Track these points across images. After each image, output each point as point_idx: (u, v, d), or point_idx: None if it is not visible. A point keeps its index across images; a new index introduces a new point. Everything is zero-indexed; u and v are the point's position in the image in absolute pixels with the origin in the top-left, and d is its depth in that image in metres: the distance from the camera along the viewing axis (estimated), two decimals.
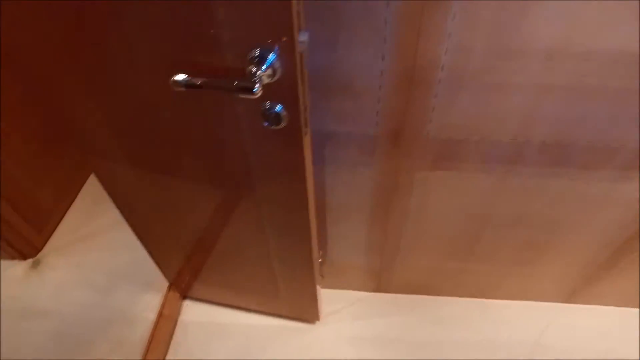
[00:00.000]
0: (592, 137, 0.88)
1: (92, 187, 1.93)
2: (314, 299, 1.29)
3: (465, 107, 0.84)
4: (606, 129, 0.86)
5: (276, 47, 0.59)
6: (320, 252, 1.34)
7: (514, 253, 1.25)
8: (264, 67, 0.61)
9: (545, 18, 0.68)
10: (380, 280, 1.46)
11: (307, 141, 0.77)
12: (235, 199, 0.96)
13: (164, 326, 1.43)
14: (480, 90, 0.80)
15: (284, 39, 0.58)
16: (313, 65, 0.80)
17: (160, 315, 1.43)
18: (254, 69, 0.60)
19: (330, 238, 1.29)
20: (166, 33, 0.62)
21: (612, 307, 1.45)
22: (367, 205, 1.14)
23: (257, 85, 0.60)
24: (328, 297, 1.51)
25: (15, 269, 1.63)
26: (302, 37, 0.62)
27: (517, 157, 0.94)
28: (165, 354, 1.38)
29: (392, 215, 1.15)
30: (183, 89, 0.65)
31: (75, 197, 1.89)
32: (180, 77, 0.64)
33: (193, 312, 1.49)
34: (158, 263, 1.38)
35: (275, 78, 0.63)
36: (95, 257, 1.67)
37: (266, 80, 0.62)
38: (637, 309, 1.44)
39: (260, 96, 0.61)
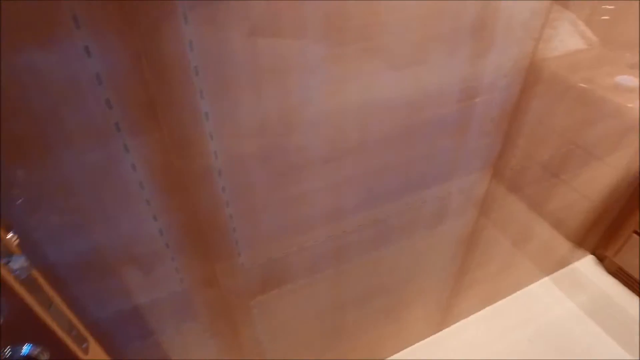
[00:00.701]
0: (400, 203, 0.89)
1: None
2: None
3: (270, 228, 0.76)
4: (406, 192, 0.88)
5: None
6: None
7: (379, 318, 1.22)
8: None
9: (310, 128, 0.64)
10: None
11: None
12: None
13: None
14: (277, 208, 0.73)
15: None
16: (76, 256, 0.61)
17: None
18: None
19: None
20: None
21: (475, 315, 1.55)
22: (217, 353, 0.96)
23: None
24: None
25: None
26: (16, 265, 0.44)
27: (341, 250, 0.90)
28: None
29: (245, 350, 1.00)
30: None
31: None
32: None
33: None
34: None
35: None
36: None
37: None
38: (493, 305, 1.58)
39: None
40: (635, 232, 1.53)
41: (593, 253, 1.77)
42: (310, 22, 0.55)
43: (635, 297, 1.61)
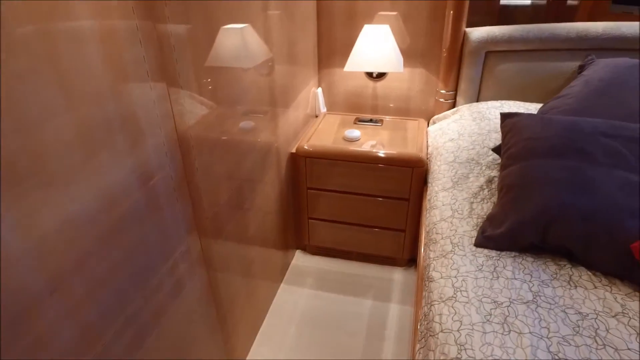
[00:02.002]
0: (138, 296, 0.89)
1: None
2: None
3: None
4: (138, 285, 0.89)
5: None
6: None
7: None
8: None
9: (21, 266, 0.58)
10: None
11: None
12: None
13: None
14: None
15: None
16: None
17: None
18: None
19: None
20: None
21: (255, 341, 1.66)
22: None
23: None
24: None
25: None
26: None
27: None
28: None
29: None
30: None
31: None
32: None
33: None
34: None
35: None
36: None
37: None
38: (262, 325, 1.73)
39: None
40: (309, 218, 2.02)
41: (297, 248, 2.21)
42: None
43: (337, 259, 2.12)
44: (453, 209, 1.37)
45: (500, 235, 1.17)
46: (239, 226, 1.41)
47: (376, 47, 1.82)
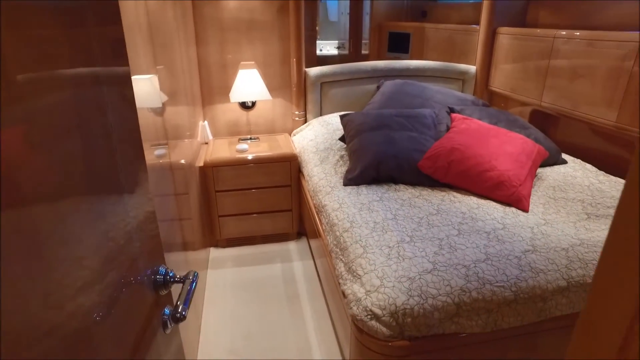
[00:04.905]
0: None
1: None
2: None
3: None
4: None
5: None
6: None
7: None
8: None
9: None
10: None
11: None
12: None
13: None
14: None
15: None
16: None
17: None
18: None
19: None
20: None
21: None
22: None
23: None
24: None
25: None
26: None
27: None
28: None
29: None
30: None
31: None
32: None
33: None
34: None
35: None
36: None
37: None
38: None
39: None
40: (219, 216, 2.59)
41: (210, 245, 2.72)
42: None
43: (245, 246, 2.71)
44: (324, 173, 2.18)
45: (355, 177, 2.02)
46: (176, 232, 1.94)
47: (249, 84, 2.58)
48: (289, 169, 2.55)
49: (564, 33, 2.23)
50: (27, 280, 0.40)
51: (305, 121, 2.93)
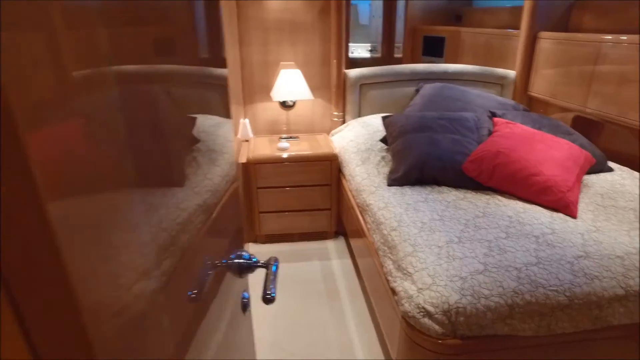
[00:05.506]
0: None
1: None
2: None
3: None
4: None
5: None
6: None
7: None
8: None
9: None
10: None
11: None
12: None
13: None
14: None
15: None
16: None
17: None
18: None
19: None
20: None
21: None
22: None
23: None
24: None
25: None
26: None
27: None
28: None
29: None
30: None
31: None
32: None
33: None
34: None
35: None
36: None
37: None
38: None
39: None
40: (260, 212, 2.65)
41: (248, 241, 2.79)
42: None
43: (283, 243, 2.77)
44: (367, 173, 2.22)
45: (399, 177, 2.05)
46: None
47: (292, 83, 2.64)
48: (329, 168, 2.59)
49: (610, 37, 2.21)
50: (99, 263, 0.41)
51: (344, 122, 2.97)
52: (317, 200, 2.66)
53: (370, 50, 4.14)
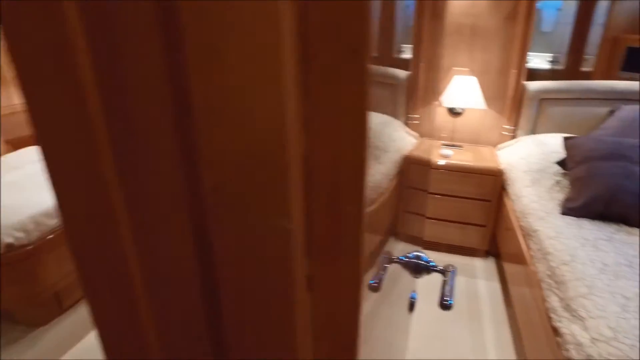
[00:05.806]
0: None
1: None
2: None
3: None
4: None
5: None
6: None
7: None
8: None
9: None
10: None
11: None
12: None
13: None
14: None
15: None
16: None
17: None
18: None
19: None
20: None
21: None
22: None
23: None
24: None
25: None
26: None
27: None
28: None
29: None
30: None
31: None
32: None
33: None
34: None
35: None
36: None
37: None
38: None
39: None
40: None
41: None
42: None
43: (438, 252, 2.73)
44: (537, 196, 2.04)
45: (577, 207, 1.83)
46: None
47: (465, 91, 2.55)
48: (492, 183, 2.45)
49: None
50: None
51: (514, 137, 2.76)
52: (471, 214, 2.55)
53: (551, 61, 3.74)
